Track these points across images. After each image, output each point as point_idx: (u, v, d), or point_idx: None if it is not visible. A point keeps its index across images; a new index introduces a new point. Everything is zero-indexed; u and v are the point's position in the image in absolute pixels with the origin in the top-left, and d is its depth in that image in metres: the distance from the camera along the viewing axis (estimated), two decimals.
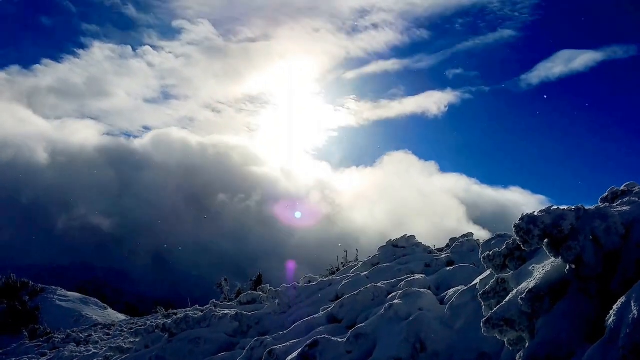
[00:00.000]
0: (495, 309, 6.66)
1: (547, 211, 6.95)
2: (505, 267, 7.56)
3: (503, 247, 7.54)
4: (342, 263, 21.40)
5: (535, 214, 7.01)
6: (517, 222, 7.22)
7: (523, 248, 7.24)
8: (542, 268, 6.77)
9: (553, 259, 6.58)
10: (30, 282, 44.55)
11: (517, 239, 7.32)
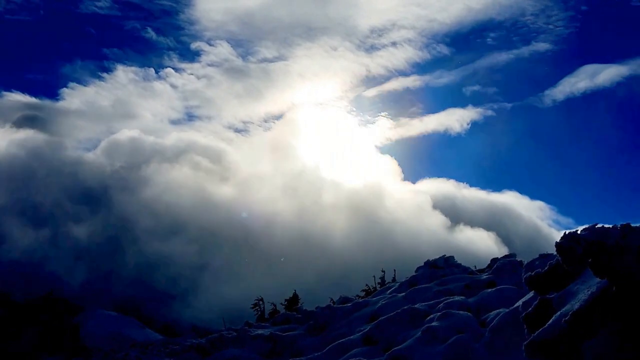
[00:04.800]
0: (538, 331, 6.41)
1: (590, 229, 6.68)
2: (549, 289, 7.28)
3: (545, 268, 7.28)
4: (378, 283, 21.10)
5: (578, 232, 6.76)
6: (558, 240, 6.97)
7: (566, 268, 6.98)
8: (587, 289, 6.46)
9: (598, 278, 6.27)
10: (70, 300, 45.65)
11: (560, 258, 7.07)
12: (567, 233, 6.69)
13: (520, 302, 8.28)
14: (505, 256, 13.42)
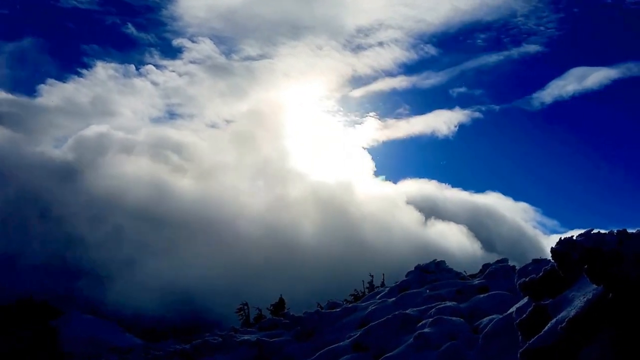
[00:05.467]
0: (533, 338, 6.33)
1: (586, 235, 6.63)
2: (544, 295, 7.21)
3: (540, 274, 7.21)
4: (367, 287, 20.98)
5: (574, 237, 6.71)
6: (554, 246, 6.91)
7: (561, 274, 6.92)
8: (583, 296, 6.40)
9: (594, 285, 6.21)
10: (49, 304, 44.81)
11: (555, 264, 7.01)
12: (562, 239, 6.63)
13: (514, 308, 8.20)
14: (498, 261, 13.39)
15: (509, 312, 8.09)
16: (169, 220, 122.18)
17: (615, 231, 6.30)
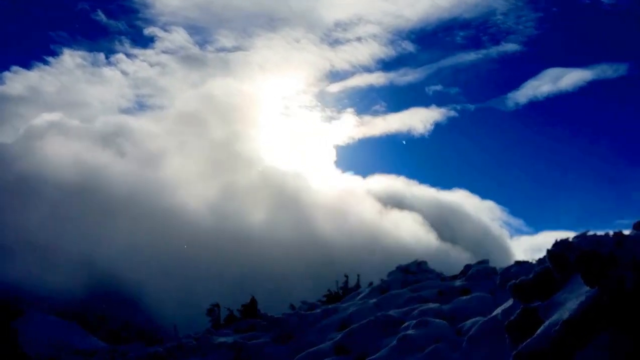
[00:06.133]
0: (526, 341, 6.18)
1: (583, 237, 6.57)
2: (533, 297, 7.11)
3: (531, 276, 7.10)
4: (341, 288, 20.70)
5: (570, 239, 6.63)
6: (550, 248, 6.82)
7: (555, 276, 6.83)
8: (577, 298, 6.30)
9: (589, 288, 6.10)
10: (9, 303, 43.30)
11: (551, 265, 6.91)
12: (558, 240, 6.56)
13: (499, 310, 8.09)
14: (479, 262, 13.39)
15: (493, 314, 7.98)
16: (100, 205, 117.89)
17: (612, 233, 6.24)
